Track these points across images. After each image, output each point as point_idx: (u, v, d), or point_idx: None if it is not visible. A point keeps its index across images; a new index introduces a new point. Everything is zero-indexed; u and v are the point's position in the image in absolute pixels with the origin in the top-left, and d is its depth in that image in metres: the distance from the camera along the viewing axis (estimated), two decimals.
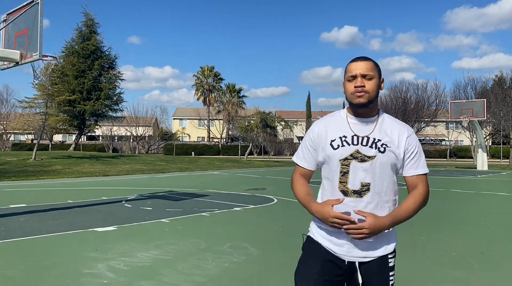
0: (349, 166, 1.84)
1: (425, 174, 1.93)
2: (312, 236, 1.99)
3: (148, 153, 48.53)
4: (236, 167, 24.60)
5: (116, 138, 54.05)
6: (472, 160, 37.43)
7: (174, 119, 69.81)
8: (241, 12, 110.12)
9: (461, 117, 26.62)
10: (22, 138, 56.06)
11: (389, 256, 1.90)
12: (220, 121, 58.20)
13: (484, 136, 33.58)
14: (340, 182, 1.85)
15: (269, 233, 6.50)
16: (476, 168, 26.51)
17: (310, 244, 1.97)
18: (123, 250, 5.22)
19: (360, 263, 1.86)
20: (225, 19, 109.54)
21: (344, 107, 1.88)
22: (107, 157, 26.85)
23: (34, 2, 7.56)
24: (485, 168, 25.81)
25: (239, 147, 45.47)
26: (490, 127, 38.29)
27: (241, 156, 41.46)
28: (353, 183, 1.83)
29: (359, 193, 1.83)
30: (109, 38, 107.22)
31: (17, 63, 7.91)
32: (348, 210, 1.82)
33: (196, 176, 18.01)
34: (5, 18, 8.35)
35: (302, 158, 2.01)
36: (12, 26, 8.15)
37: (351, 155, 1.84)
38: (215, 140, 59.64)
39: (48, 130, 35.00)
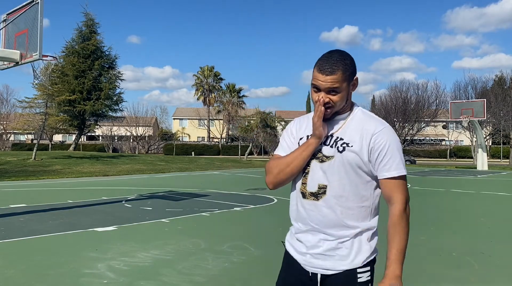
0: (309, 166, 1.68)
1: (400, 178, 1.62)
2: (286, 242, 1.85)
3: (148, 153, 48.55)
4: (236, 167, 24.60)
5: (116, 138, 54.05)
6: (472, 160, 37.44)
7: (174, 119, 69.83)
8: (241, 12, 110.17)
9: (461, 117, 26.62)
10: (22, 138, 56.06)
11: (359, 270, 1.65)
12: (220, 121, 58.20)
13: (484, 136, 33.58)
14: (302, 183, 1.70)
15: (269, 233, 6.50)
16: (476, 168, 26.51)
17: (285, 254, 1.84)
18: (123, 250, 5.21)
19: (323, 276, 1.66)
20: (225, 19, 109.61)
21: None
22: (107, 157, 26.86)
23: (34, 2, 7.55)
24: (485, 168, 25.81)
25: (239, 147, 45.48)
26: (490, 127, 38.29)
27: (241, 156, 41.46)
28: (311, 184, 1.67)
29: (316, 196, 1.66)
30: (108, 37, 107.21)
31: (17, 63, 7.91)
32: (306, 213, 1.68)
33: (196, 176, 18.01)
34: (5, 18, 8.35)
35: (287, 149, 1.77)
36: (12, 26, 8.15)
37: (313, 154, 1.68)
38: (215, 140, 59.65)
39: (48, 130, 34.97)
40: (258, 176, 18.36)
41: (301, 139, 1.74)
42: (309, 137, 1.69)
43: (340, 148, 1.64)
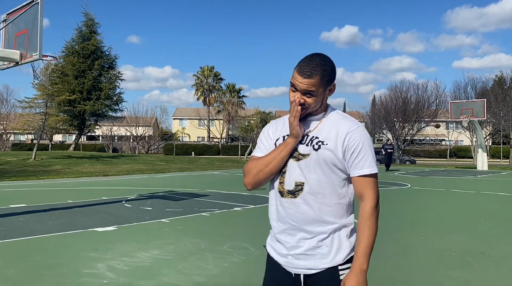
0: (286, 165, 1.72)
1: (372, 176, 1.68)
2: (267, 246, 1.87)
3: (148, 153, 48.55)
4: (236, 167, 24.60)
5: (116, 138, 54.05)
6: (472, 160, 37.44)
7: (174, 119, 69.84)
8: (241, 12, 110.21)
9: (461, 117, 26.61)
10: (22, 138, 56.07)
11: (341, 267, 1.67)
12: (220, 121, 58.20)
13: (484, 136, 33.57)
14: (279, 182, 1.74)
15: (269, 233, 6.49)
16: (476, 168, 26.50)
17: (267, 257, 1.85)
18: (123, 250, 5.21)
19: (306, 275, 1.69)
20: (225, 19, 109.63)
21: (344, 107, 1.85)
22: (107, 157, 26.85)
23: (34, 2, 7.56)
24: (485, 168, 25.80)
25: (239, 147, 45.48)
26: (490, 127, 38.29)
27: (241, 156, 41.47)
28: (289, 183, 1.71)
29: (293, 193, 1.70)
30: (108, 37, 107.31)
31: (17, 63, 7.91)
32: (285, 211, 1.72)
33: (196, 176, 18.01)
34: (5, 18, 8.35)
35: (265, 150, 1.82)
36: (12, 26, 8.15)
37: (296, 153, 1.72)
38: (215, 140, 59.65)
39: (48, 130, 34.99)
40: None
41: (277, 140, 1.80)
42: (286, 137, 1.75)
43: (316, 146, 1.69)
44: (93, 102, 31.04)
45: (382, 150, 24.03)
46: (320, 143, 1.69)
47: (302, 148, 1.71)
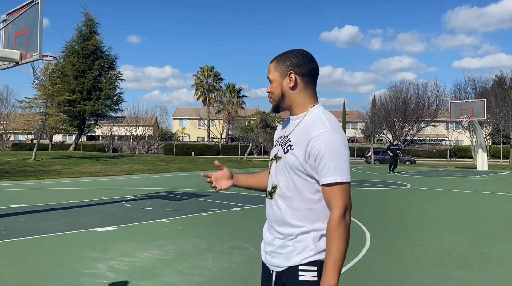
0: (271, 166, 1.79)
1: (336, 184, 1.56)
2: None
3: (148, 153, 48.54)
4: (236, 167, 24.60)
5: (116, 138, 54.04)
6: (472, 160, 37.44)
7: (174, 119, 69.83)
8: (241, 12, 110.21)
9: (461, 117, 26.61)
10: (22, 138, 56.07)
11: (301, 268, 1.62)
12: (220, 121, 58.20)
13: (484, 136, 33.57)
14: (268, 182, 1.81)
15: None
16: (476, 168, 26.50)
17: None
18: (123, 250, 5.21)
19: (277, 273, 1.70)
20: (225, 19, 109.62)
21: (344, 107, 1.85)
22: (107, 157, 26.86)
23: (34, 2, 7.56)
24: (485, 168, 25.80)
25: (239, 147, 45.47)
26: (490, 127, 38.27)
27: (241, 156, 41.46)
28: (269, 184, 1.78)
29: (270, 194, 1.75)
30: (108, 37, 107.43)
31: (17, 63, 7.91)
32: (266, 209, 1.79)
33: (196, 176, 18.01)
34: (5, 18, 8.35)
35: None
36: (12, 26, 8.16)
37: (274, 155, 1.77)
38: (215, 140, 59.65)
39: (48, 130, 34.98)
40: None
41: (275, 141, 1.84)
42: (278, 139, 1.80)
43: (285, 149, 1.69)
44: (93, 102, 31.04)
45: (388, 151, 23.42)
46: (289, 147, 1.68)
47: (279, 150, 1.74)
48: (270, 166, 1.80)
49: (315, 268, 1.61)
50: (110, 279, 4.17)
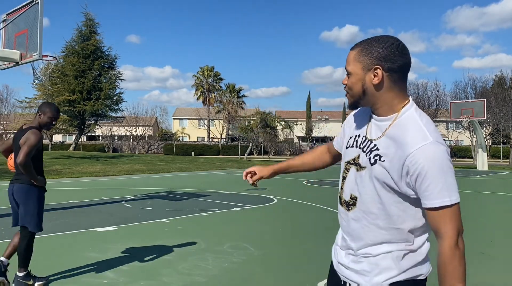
0: (348, 171, 1.54)
1: (444, 208, 1.32)
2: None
3: (148, 153, 48.54)
4: (236, 167, 24.60)
5: (116, 138, 54.05)
6: (472, 160, 37.46)
7: (174, 119, 69.82)
8: (241, 12, 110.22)
9: (461, 117, 26.62)
10: None
11: None
12: (220, 121, 58.21)
13: (484, 136, 33.58)
14: (341, 187, 1.58)
15: (269, 233, 6.50)
16: (476, 168, 26.51)
17: (330, 266, 1.69)
18: (123, 250, 5.21)
19: None
20: (225, 19, 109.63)
21: (344, 107, 1.77)
22: (107, 157, 26.85)
23: (34, 2, 7.56)
24: (485, 168, 25.81)
25: (239, 147, 45.48)
26: (490, 127, 38.30)
27: (241, 156, 41.47)
28: (346, 192, 1.54)
29: (347, 206, 1.53)
30: (108, 36, 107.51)
31: (17, 63, 7.91)
32: (341, 218, 1.59)
33: (196, 176, 18.01)
34: (5, 18, 8.35)
35: (337, 143, 1.78)
36: (12, 26, 8.16)
37: (353, 159, 1.52)
38: (215, 140, 59.65)
39: (48, 130, 35.00)
40: None
41: (350, 138, 1.58)
42: (357, 137, 1.55)
43: (372, 160, 1.43)
44: (93, 102, 31.03)
45: None
46: (377, 158, 1.42)
47: (362, 157, 1.48)
48: (347, 170, 1.55)
49: None
50: (110, 279, 4.17)
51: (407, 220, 1.42)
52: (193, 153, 49.24)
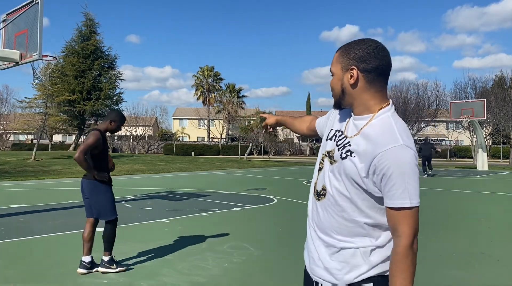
0: (323, 162, 1.59)
1: (404, 209, 1.37)
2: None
3: (148, 153, 48.54)
4: (236, 167, 24.60)
5: (116, 138, 54.05)
6: (472, 160, 37.45)
7: (174, 119, 69.82)
8: (241, 12, 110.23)
9: (461, 117, 26.61)
10: (22, 138, 56.05)
11: None
12: (220, 121, 58.21)
13: (484, 136, 33.58)
14: (316, 177, 1.62)
15: (269, 233, 6.50)
16: (476, 168, 26.50)
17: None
18: (123, 250, 5.21)
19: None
20: (225, 19, 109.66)
21: None
22: None
23: (34, 2, 7.56)
24: (485, 168, 25.81)
25: (239, 147, 45.47)
26: (490, 127, 38.30)
27: (241, 156, 41.47)
28: (319, 183, 1.58)
29: (318, 195, 1.57)
30: (108, 36, 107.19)
31: (16, 63, 7.91)
32: (311, 208, 1.63)
33: (196, 176, 18.01)
34: (5, 18, 8.35)
35: (320, 122, 1.92)
36: (12, 26, 8.16)
37: (328, 152, 1.57)
38: (215, 140, 59.64)
39: (48, 130, 35.02)
40: (258, 176, 18.35)
41: (331, 130, 1.64)
42: (335, 131, 1.61)
43: (343, 155, 1.48)
44: (93, 102, 31.05)
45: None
46: (348, 153, 1.47)
47: (335, 149, 1.54)
48: (322, 160, 1.59)
49: (371, 284, 1.47)
50: (110, 279, 4.17)
51: (372, 216, 1.46)
52: (193, 153, 49.23)
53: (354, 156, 1.45)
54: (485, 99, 27.87)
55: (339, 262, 1.49)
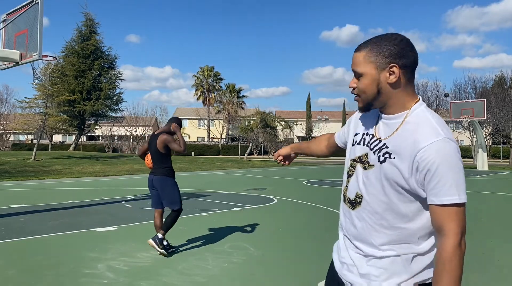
0: (354, 168, 1.50)
1: (451, 206, 1.30)
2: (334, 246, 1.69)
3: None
4: (236, 167, 24.60)
5: (116, 138, 54.06)
6: (472, 160, 37.44)
7: None
8: (241, 12, 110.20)
9: (461, 117, 26.62)
10: (22, 138, 56.07)
11: None
12: (220, 121, 58.22)
13: (484, 136, 33.58)
14: (345, 185, 1.55)
15: (269, 233, 6.50)
16: (476, 168, 26.51)
17: (330, 265, 1.66)
18: (123, 250, 5.21)
19: None
20: (225, 19, 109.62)
21: (344, 107, 1.82)
22: (107, 157, 26.86)
23: (34, 2, 7.56)
24: (485, 168, 25.81)
25: (239, 147, 45.48)
26: (490, 127, 38.30)
27: (241, 156, 41.47)
28: (351, 190, 1.51)
29: (352, 204, 1.50)
30: (107, 36, 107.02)
31: (16, 63, 7.91)
32: (344, 217, 1.56)
33: (196, 176, 18.01)
34: (5, 18, 8.35)
35: (340, 136, 1.80)
36: (12, 26, 8.16)
37: (359, 157, 1.49)
38: (215, 140, 59.65)
39: (48, 130, 34.94)
40: (258, 176, 18.36)
41: (356, 135, 1.56)
42: (365, 135, 1.52)
43: (382, 158, 1.40)
44: (93, 102, 31.06)
45: None
46: (387, 155, 1.39)
47: (371, 155, 1.45)
48: (352, 167, 1.52)
49: None
50: (110, 279, 4.17)
51: (414, 221, 1.39)
52: (193, 153, 49.24)
53: (394, 157, 1.37)
54: (485, 99, 27.89)
55: (377, 268, 1.42)
